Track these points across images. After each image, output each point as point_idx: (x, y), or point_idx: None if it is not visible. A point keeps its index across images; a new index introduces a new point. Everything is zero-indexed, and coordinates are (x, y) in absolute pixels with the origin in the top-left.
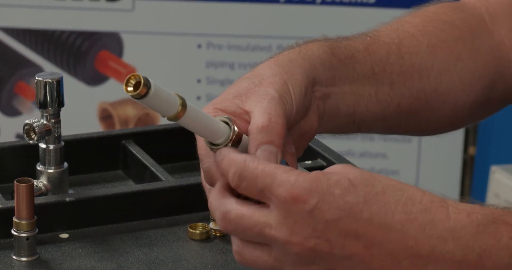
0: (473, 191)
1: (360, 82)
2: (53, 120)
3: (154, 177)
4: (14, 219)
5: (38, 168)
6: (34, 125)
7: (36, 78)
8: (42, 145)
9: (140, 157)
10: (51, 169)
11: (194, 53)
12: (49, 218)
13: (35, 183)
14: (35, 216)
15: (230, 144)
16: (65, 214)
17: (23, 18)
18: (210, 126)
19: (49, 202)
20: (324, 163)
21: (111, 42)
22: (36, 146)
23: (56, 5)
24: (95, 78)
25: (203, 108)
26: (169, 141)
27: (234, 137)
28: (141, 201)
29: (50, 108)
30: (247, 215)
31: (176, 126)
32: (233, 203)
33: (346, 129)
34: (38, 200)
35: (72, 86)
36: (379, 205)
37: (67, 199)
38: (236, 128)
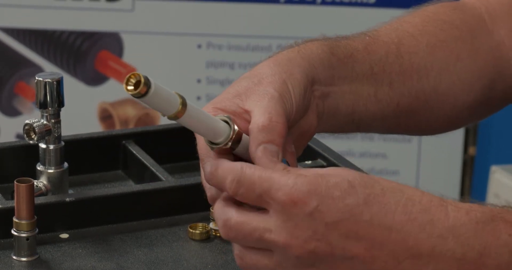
0: (473, 191)
1: (359, 82)
2: (53, 120)
3: (154, 177)
4: (14, 219)
5: (38, 168)
6: (34, 125)
7: (36, 78)
8: (42, 145)
9: (140, 157)
10: (51, 169)
11: (194, 53)
12: (49, 218)
13: (35, 183)
14: (35, 216)
15: (230, 143)
16: (65, 214)
17: (23, 18)
18: (210, 125)
19: (49, 202)
20: (324, 163)
21: (111, 42)
22: (36, 146)
23: (56, 5)
24: (95, 78)
25: (203, 108)
26: (169, 141)
27: (234, 136)
28: (141, 201)
29: (50, 108)
30: (247, 221)
31: (176, 126)
32: (233, 211)
33: (345, 129)
34: (38, 200)
35: (72, 86)
36: (379, 207)
37: (67, 199)
38: (236, 127)
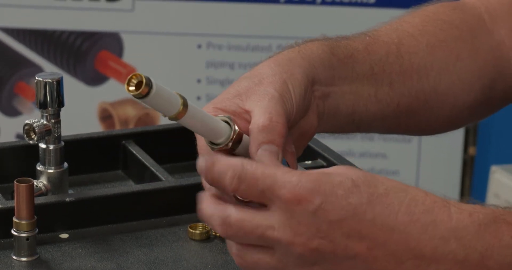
0: (473, 191)
1: (360, 82)
2: (53, 120)
3: (154, 177)
4: (14, 219)
5: (38, 168)
6: (34, 125)
7: (36, 78)
8: (42, 145)
9: (140, 157)
10: (51, 169)
11: (194, 53)
12: (49, 218)
13: (35, 183)
14: (35, 216)
15: (231, 144)
16: (65, 214)
17: (23, 18)
18: (211, 126)
19: (49, 202)
20: (324, 163)
21: (111, 42)
22: (36, 146)
23: (56, 5)
24: (95, 78)
25: (203, 108)
26: (169, 141)
27: (235, 137)
28: (141, 201)
29: (50, 108)
30: (248, 219)
31: (176, 126)
32: (232, 208)
33: (346, 129)
34: (38, 200)
35: (72, 86)
36: (383, 206)
37: (67, 199)
38: (237, 128)
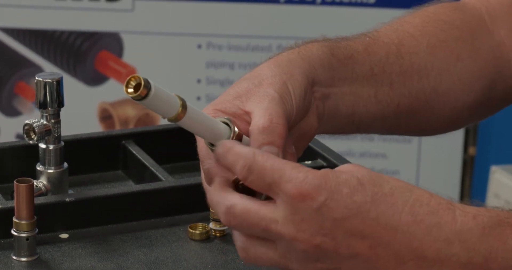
0: (473, 191)
1: (360, 83)
2: (53, 120)
3: (154, 177)
4: (14, 219)
5: (38, 168)
6: (34, 125)
7: (36, 78)
8: (42, 145)
9: (140, 157)
10: (51, 169)
11: (194, 53)
12: (49, 218)
13: (35, 183)
14: (35, 216)
15: None
16: (65, 214)
17: (23, 18)
18: (211, 127)
19: (49, 202)
20: (324, 163)
21: (111, 42)
22: (36, 146)
23: (56, 5)
24: (95, 78)
25: (203, 109)
26: (169, 141)
27: (235, 138)
28: (141, 201)
29: (50, 108)
30: (253, 210)
31: (176, 126)
32: (238, 198)
33: (346, 130)
34: (38, 200)
35: (72, 86)
36: (387, 206)
37: (67, 199)
38: (237, 129)
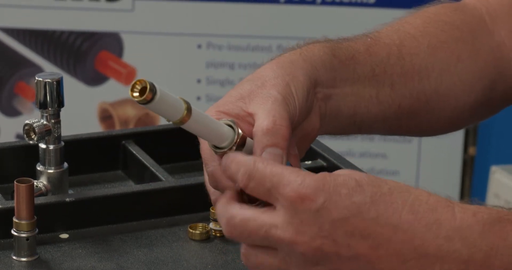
0: (473, 191)
1: (361, 83)
2: (53, 120)
3: (154, 177)
4: (14, 219)
5: (38, 168)
6: (34, 125)
7: (36, 78)
8: (42, 145)
9: (140, 157)
10: (51, 169)
11: (194, 53)
12: (49, 218)
13: (35, 183)
14: (35, 216)
15: (235, 147)
16: (65, 214)
17: (23, 18)
18: (215, 130)
19: (49, 202)
20: (324, 164)
21: (111, 42)
22: (36, 146)
23: (56, 5)
24: (95, 78)
25: (206, 111)
26: (169, 141)
27: (239, 140)
28: (141, 201)
29: (50, 108)
30: (252, 218)
31: (176, 127)
32: (237, 208)
33: (347, 130)
34: (38, 200)
35: (72, 86)
36: (386, 205)
37: (67, 199)
38: (241, 131)
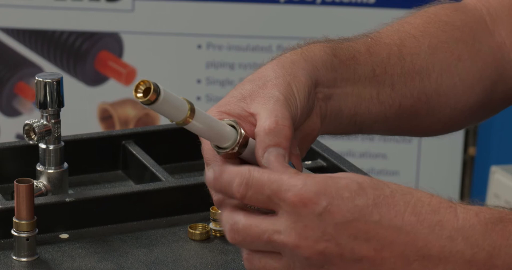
0: (473, 191)
1: (361, 84)
2: (53, 121)
3: (154, 178)
4: (14, 220)
5: (38, 169)
6: (34, 126)
7: (36, 78)
8: (42, 146)
9: (140, 157)
10: (51, 170)
11: (194, 54)
12: (49, 218)
13: (35, 184)
14: (35, 217)
15: (237, 148)
16: (65, 214)
17: (23, 18)
18: (217, 130)
19: (49, 202)
20: (324, 164)
21: (111, 42)
22: (36, 147)
23: (56, 5)
24: (95, 79)
25: (207, 111)
26: (169, 141)
27: (241, 140)
28: (141, 201)
29: (50, 109)
30: (255, 224)
31: (176, 127)
32: (240, 215)
33: (348, 130)
34: (38, 200)
35: (72, 87)
36: (389, 207)
37: (67, 199)
38: (243, 132)
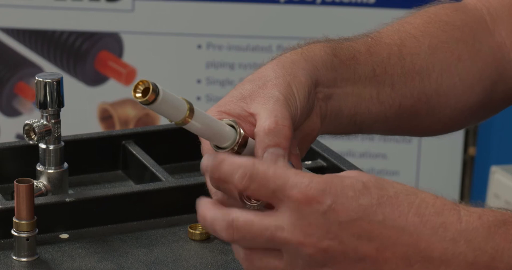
0: (473, 191)
1: (362, 83)
2: (53, 121)
3: (154, 178)
4: (14, 220)
5: (38, 169)
6: (34, 126)
7: (36, 79)
8: (42, 146)
9: (140, 157)
10: (51, 170)
11: (194, 54)
12: (49, 218)
13: (35, 184)
14: (35, 217)
15: (237, 148)
16: (65, 214)
17: (23, 18)
18: (217, 130)
19: (49, 202)
20: (324, 164)
21: (111, 42)
22: (36, 147)
23: (56, 5)
24: (95, 79)
25: (207, 111)
26: (169, 141)
27: (241, 140)
28: (141, 201)
29: (50, 109)
30: (257, 221)
31: (176, 127)
32: (238, 211)
33: (348, 130)
34: (38, 201)
35: (72, 87)
36: (393, 208)
37: (67, 199)
38: (243, 131)
